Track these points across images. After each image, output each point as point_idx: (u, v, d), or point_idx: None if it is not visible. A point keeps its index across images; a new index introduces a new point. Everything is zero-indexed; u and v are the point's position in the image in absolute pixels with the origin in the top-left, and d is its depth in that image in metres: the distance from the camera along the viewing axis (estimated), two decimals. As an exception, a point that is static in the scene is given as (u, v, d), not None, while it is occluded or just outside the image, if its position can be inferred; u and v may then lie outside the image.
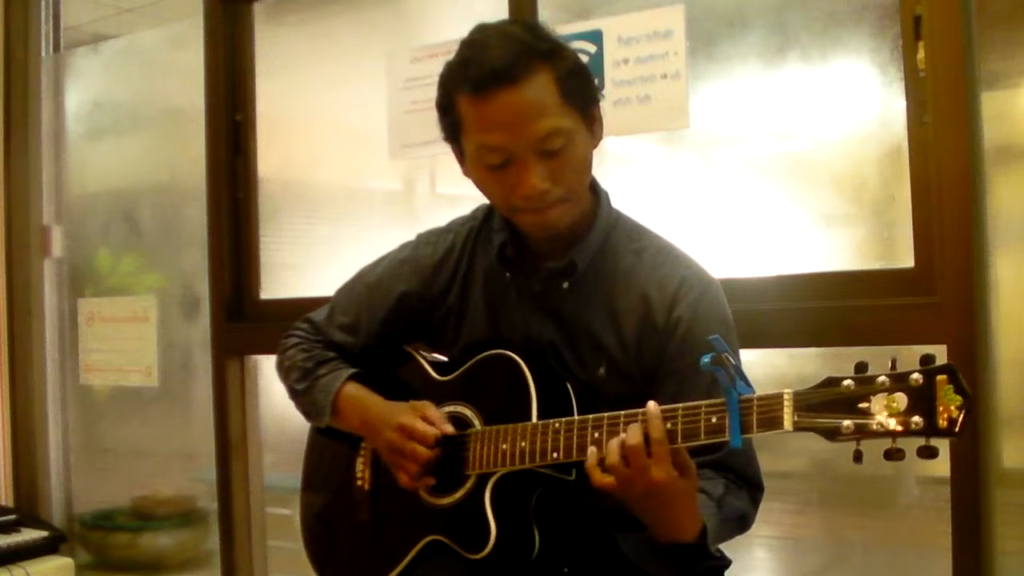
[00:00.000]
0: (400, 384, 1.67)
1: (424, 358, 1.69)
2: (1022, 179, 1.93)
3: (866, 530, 2.14)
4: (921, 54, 1.84)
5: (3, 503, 3.22)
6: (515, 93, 1.40)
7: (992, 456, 1.83)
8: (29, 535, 2.97)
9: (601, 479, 1.31)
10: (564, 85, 1.43)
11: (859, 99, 1.99)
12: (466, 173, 1.55)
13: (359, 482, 1.66)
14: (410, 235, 1.76)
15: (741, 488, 1.49)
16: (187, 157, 2.92)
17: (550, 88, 1.42)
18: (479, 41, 1.45)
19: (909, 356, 1.17)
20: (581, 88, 1.47)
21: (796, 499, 2.20)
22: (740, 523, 1.49)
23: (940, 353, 1.76)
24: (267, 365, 2.76)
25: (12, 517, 3.04)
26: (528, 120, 1.41)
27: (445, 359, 1.67)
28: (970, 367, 1.74)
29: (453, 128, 1.50)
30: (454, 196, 1.56)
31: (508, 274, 1.59)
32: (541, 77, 1.41)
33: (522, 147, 1.42)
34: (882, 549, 2.11)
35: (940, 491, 1.85)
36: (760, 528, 2.15)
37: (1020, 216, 1.90)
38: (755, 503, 1.52)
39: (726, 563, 1.56)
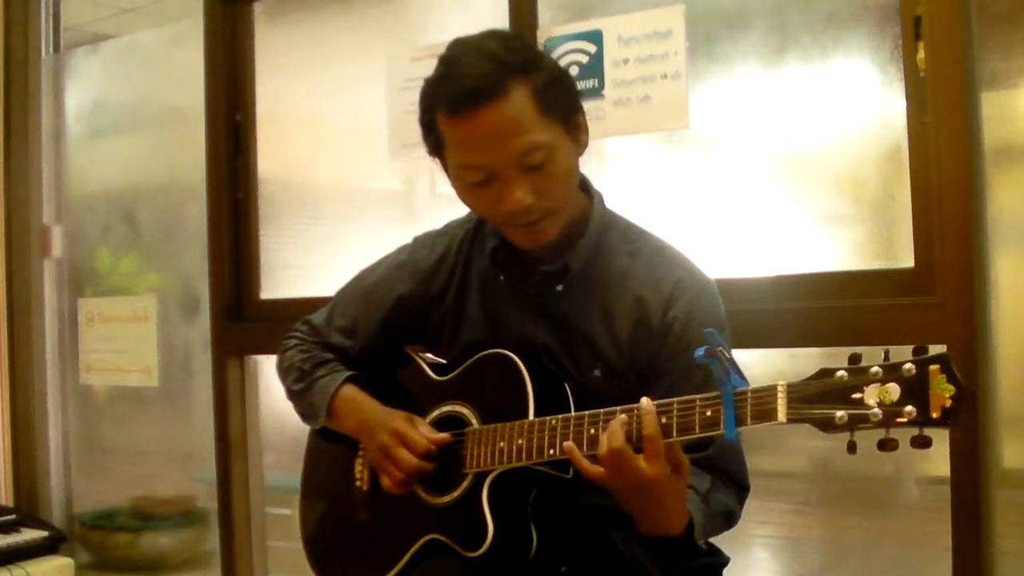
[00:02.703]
0: (398, 385, 1.67)
1: (422, 359, 1.69)
2: (1022, 179, 1.93)
3: (866, 530, 2.14)
4: (921, 54, 1.84)
5: (3, 503, 3.21)
6: (491, 111, 1.38)
7: (992, 456, 1.83)
8: (29, 535, 2.97)
9: (590, 468, 1.32)
10: (541, 98, 1.41)
11: (859, 99, 1.99)
12: (453, 186, 1.54)
13: (358, 482, 1.66)
14: (410, 235, 1.76)
15: (728, 486, 1.49)
16: (187, 157, 2.91)
17: (527, 103, 1.40)
18: (454, 58, 1.44)
19: (907, 355, 1.17)
20: (561, 98, 1.46)
21: (796, 499, 2.20)
22: (726, 518, 1.49)
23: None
24: (267, 365, 2.76)
25: (12, 517, 3.03)
26: (506, 137, 1.40)
27: (443, 361, 1.67)
28: (970, 367, 1.74)
29: (436, 145, 1.50)
30: (454, 196, 1.55)
31: (502, 277, 1.59)
32: (517, 92, 1.39)
33: (503, 164, 1.41)
34: (882, 549, 2.11)
35: (940, 491, 1.85)
36: (760, 528, 2.16)
37: (1020, 216, 1.90)
38: (740, 502, 1.52)
39: (723, 560, 1.56)
